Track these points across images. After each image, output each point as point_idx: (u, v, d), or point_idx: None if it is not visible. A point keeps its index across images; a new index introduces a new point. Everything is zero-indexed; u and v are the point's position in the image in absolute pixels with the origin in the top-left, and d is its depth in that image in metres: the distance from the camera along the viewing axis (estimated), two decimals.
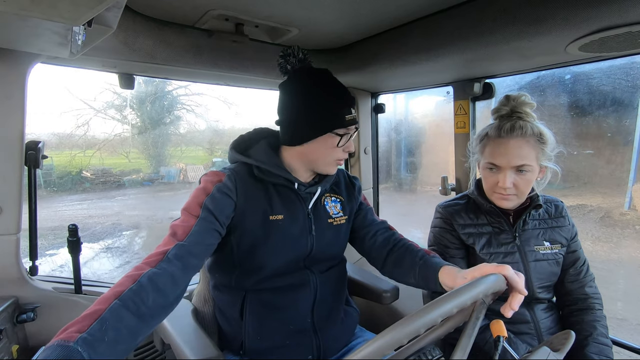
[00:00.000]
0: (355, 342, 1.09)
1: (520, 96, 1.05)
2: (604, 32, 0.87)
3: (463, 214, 1.14)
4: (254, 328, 0.96)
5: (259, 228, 0.92)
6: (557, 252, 1.09)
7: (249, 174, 0.96)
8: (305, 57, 0.99)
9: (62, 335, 0.60)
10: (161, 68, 1.27)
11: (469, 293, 0.59)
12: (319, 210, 1.03)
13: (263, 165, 0.96)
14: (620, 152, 4.01)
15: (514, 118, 1.04)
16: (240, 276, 0.97)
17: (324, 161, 0.97)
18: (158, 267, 0.74)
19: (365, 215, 1.13)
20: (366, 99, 1.90)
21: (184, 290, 0.79)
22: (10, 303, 1.08)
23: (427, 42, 1.16)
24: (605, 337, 1.04)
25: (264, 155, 0.98)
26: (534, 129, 1.01)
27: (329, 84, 0.97)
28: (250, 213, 0.92)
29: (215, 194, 0.88)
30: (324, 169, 0.99)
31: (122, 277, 0.73)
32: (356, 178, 1.17)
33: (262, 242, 0.93)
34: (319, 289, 0.99)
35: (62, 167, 9.61)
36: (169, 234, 0.82)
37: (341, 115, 0.92)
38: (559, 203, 1.16)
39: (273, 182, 0.97)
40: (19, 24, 0.70)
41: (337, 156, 0.97)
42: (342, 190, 1.11)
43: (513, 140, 1.00)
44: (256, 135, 1.06)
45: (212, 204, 0.87)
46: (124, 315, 0.66)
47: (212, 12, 1.07)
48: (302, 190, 1.00)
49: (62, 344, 0.59)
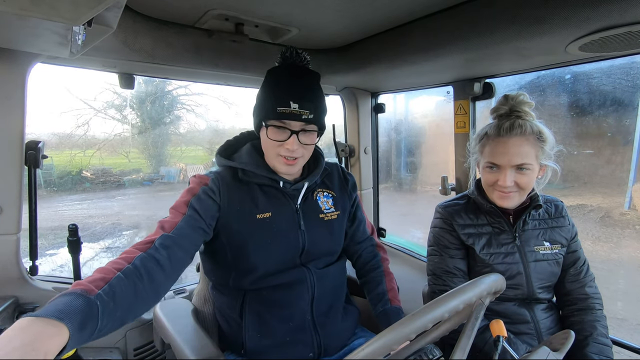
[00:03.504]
0: (356, 341, 1.09)
1: (519, 95, 1.05)
2: (604, 32, 0.87)
3: (463, 214, 1.13)
4: (254, 327, 0.96)
5: (247, 227, 0.94)
6: (557, 253, 1.09)
7: (234, 177, 0.99)
8: (293, 56, 0.98)
9: (82, 287, 0.63)
10: (161, 68, 1.27)
11: (469, 293, 0.59)
12: (310, 205, 1.04)
13: (246, 167, 0.98)
14: (620, 152, 4.01)
15: (513, 117, 1.04)
16: (237, 276, 0.97)
17: (268, 155, 0.98)
18: (147, 253, 0.77)
19: (357, 227, 1.17)
20: (366, 98, 1.90)
21: (171, 281, 0.81)
22: (11, 303, 1.08)
23: (427, 42, 1.16)
24: (605, 337, 1.04)
25: (247, 157, 1.01)
26: (533, 128, 1.01)
27: (278, 78, 0.96)
28: (236, 214, 0.94)
29: (200, 195, 0.92)
30: (271, 162, 0.98)
31: (115, 258, 0.75)
32: (350, 174, 1.18)
33: (251, 241, 0.94)
34: (317, 286, 1.00)
35: (62, 167, 9.61)
36: (157, 227, 0.86)
37: (273, 106, 0.91)
38: (558, 203, 1.16)
39: (257, 182, 0.99)
40: (19, 24, 0.70)
41: (278, 151, 0.94)
42: (335, 186, 1.11)
43: (513, 139, 1.00)
44: (242, 139, 1.09)
45: (197, 204, 0.90)
46: (126, 289, 0.69)
47: (212, 12, 1.07)
48: (288, 187, 1.01)
49: (84, 294, 0.62)
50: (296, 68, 0.97)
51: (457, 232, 1.12)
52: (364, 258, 1.17)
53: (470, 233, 1.11)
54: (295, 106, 0.90)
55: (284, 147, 0.93)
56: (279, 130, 0.92)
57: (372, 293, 1.11)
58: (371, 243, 1.19)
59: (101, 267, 0.71)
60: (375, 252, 1.18)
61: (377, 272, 1.13)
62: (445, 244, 1.14)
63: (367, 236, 1.19)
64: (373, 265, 1.15)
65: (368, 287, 1.13)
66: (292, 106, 0.90)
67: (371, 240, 1.20)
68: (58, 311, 0.56)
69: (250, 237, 0.95)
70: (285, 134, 0.92)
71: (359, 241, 1.18)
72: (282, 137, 0.92)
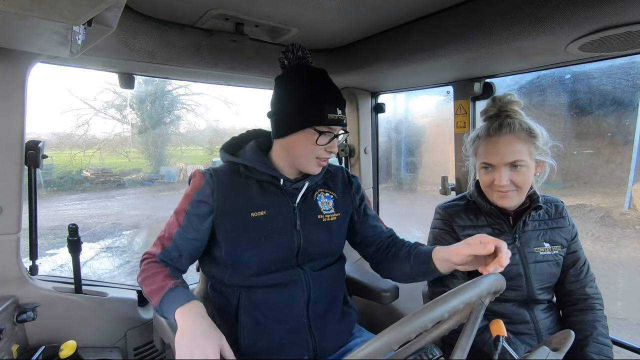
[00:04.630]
0: (353, 342, 1.08)
1: (506, 96, 1.06)
2: (604, 32, 0.87)
3: (463, 215, 1.13)
4: (250, 328, 0.96)
5: (240, 225, 0.95)
6: (557, 254, 1.09)
7: (234, 173, 1.00)
8: (305, 55, 1.01)
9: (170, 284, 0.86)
10: (161, 67, 1.27)
11: (469, 292, 0.59)
12: (308, 205, 1.03)
13: (248, 163, 0.99)
14: (620, 151, 4.01)
15: (502, 117, 1.05)
16: (233, 274, 0.97)
17: (305, 158, 0.97)
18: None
19: (368, 222, 1.13)
20: (366, 98, 1.90)
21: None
22: (11, 302, 1.08)
23: (427, 41, 1.16)
24: (605, 337, 1.04)
25: (250, 153, 1.02)
26: (523, 125, 1.02)
27: (317, 81, 0.97)
28: (230, 212, 0.96)
29: (194, 202, 0.97)
30: (305, 166, 0.98)
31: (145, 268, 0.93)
32: (356, 177, 1.17)
33: (244, 239, 0.95)
34: (313, 288, 0.99)
35: (62, 167, 9.62)
36: (157, 238, 0.98)
37: (323, 112, 0.92)
38: (559, 203, 1.16)
39: (258, 179, 1.00)
40: (19, 24, 0.70)
41: (317, 154, 0.96)
42: (338, 187, 1.10)
43: (503, 137, 1.01)
44: (247, 136, 1.10)
45: (192, 212, 0.96)
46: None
47: (212, 12, 1.07)
48: (288, 185, 1.01)
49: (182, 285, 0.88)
50: (323, 71, 1.00)
51: (457, 234, 1.11)
52: (385, 243, 1.10)
53: (470, 234, 1.09)
54: (339, 112, 0.94)
55: (326, 151, 0.96)
56: (325, 136, 0.95)
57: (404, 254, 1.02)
58: (390, 234, 1.14)
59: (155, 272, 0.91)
60: (393, 237, 1.13)
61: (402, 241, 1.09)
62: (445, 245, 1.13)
63: (385, 229, 1.14)
64: (396, 241, 1.09)
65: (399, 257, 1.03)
66: (338, 112, 0.94)
67: (391, 231, 1.15)
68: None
69: (243, 234, 0.95)
70: (328, 138, 0.95)
71: (375, 233, 1.12)
72: (327, 141, 0.95)
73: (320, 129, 0.93)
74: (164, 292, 0.84)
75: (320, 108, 0.92)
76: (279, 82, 1.00)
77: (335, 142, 0.97)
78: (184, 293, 0.85)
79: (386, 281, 1.25)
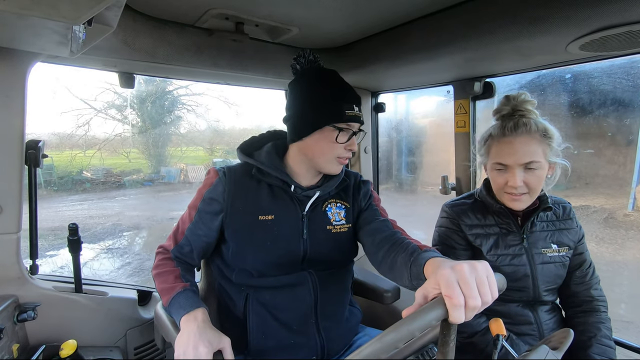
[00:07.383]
0: (359, 340, 1.08)
1: (520, 95, 1.04)
2: (605, 31, 0.87)
3: (470, 214, 1.11)
4: (258, 327, 0.96)
5: (247, 227, 0.95)
6: (564, 255, 1.08)
7: (246, 174, 1.00)
8: (316, 59, 1.03)
9: (179, 287, 0.90)
10: (161, 67, 1.27)
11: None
12: (318, 215, 1.02)
13: (262, 166, 0.98)
14: (622, 152, 4.00)
15: (517, 116, 1.02)
16: (239, 274, 0.98)
17: (325, 158, 0.96)
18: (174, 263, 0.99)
19: (368, 214, 1.06)
20: (366, 98, 1.90)
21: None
22: (11, 302, 1.08)
23: (427, 41, 1.16)
24: (608, 338, 1.03)
25: (265, 156, 1.01)
26: (538, 125, 0.99)
27: (331, 80, 0.98)
28: (239, 212, 0.96)
29: (205, 199, 0.99)
30: (326, 166, 0.98)
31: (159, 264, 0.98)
32: (365, 181, 1.11)
33: (250, 241, 0.95)
34: (320, 290, 0.98)
35: (63, 167, 9.62)
36: (172, 232, 1.02)
37: (340, 109, 0.93)
38: (566, 205, 1.14)
39: (269, 182, 0.99)
40: (19, 23, 0.70)
41: (338, 153, 0.96)
42: (350, 197, 1.08)
43: (519, 137, 0.99)
44: (266, 137, 1.09)
45: (203, 209, 0.98)
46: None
47: (212, 11, 1.07)
48: (299, 192, 0.99)
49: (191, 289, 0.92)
50: (335, 72, 1.01)
51: (465, 233, 1.09)
52: (382, 235, 0.98)
53: (478, 233, 1.09)
54: (357, 109, 0.95)
55: (346, 149, 0.96)
56: (344, 133, 0.94)
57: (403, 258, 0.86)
58: (386, 225, 1.02)
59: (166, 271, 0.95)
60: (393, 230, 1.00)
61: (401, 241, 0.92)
62: (451, 245, 1.11)
63: (388, 228, 1.01)
64: (395, 238, 0.95)
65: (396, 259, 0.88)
66: (355, 109, 0.95)
67: (393, 232, 0.99)
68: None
69: (249, 237, 0.95)
70: (347, 136, 0.95)
71: (378, 231, 1.01)
72: (346, 139, 0.95)
73: (340, 126, 0.93)
74: (173, 295, 0.89)
75: (338, 104, 0.93)
76: (294, 86, 1.00)
77: (354, 139, 0.97)
78: (191, 300, 0.88)
79: (388, 281, 1.25)
